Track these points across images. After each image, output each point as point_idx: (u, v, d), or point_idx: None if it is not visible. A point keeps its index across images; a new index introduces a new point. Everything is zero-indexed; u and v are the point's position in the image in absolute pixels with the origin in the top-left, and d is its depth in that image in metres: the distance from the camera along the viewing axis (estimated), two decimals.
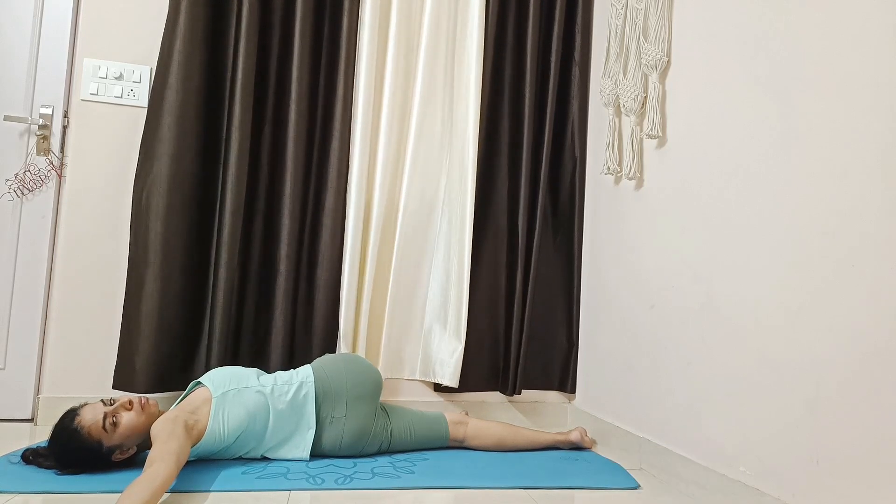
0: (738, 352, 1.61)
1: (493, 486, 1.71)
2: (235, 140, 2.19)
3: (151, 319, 2.10)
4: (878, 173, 1.27)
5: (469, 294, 2.40)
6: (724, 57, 1.75)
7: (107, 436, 1.59)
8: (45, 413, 2.13)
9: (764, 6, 1.61)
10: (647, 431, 1.99)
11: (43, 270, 2.19)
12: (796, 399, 1.42)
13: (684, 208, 1.88)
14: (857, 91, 1.33)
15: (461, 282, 2.40)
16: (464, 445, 2.07)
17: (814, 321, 1.39)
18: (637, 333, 2.08)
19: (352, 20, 2.35)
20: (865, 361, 1.26)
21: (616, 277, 2.25)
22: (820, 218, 1.40)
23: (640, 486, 1.79)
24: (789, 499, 1.42)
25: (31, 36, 2.21)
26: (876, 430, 1.23)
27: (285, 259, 2.27)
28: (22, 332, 2.17)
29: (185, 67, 2.14)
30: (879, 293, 1.24)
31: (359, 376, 1.94)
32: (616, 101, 2.25)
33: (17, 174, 2.18)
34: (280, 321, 2.26)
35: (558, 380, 2.55)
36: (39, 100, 2.20)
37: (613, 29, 2.28)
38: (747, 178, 1.62)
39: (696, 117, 1.85)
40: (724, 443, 1.63)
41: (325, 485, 1.64)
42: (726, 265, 1.67)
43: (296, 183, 2.29)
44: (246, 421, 1.75)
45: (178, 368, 2.18)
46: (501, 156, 2.53)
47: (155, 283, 2.10)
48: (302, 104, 2.30)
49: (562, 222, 2.59)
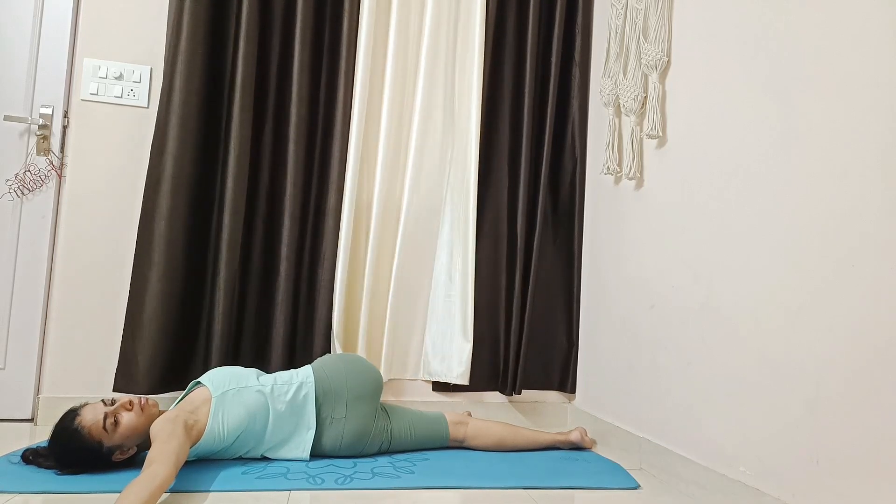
0: (738, 352, 1.61)
1: (493, 486, 1.71)
2: (236, 141, 2.19)
3: (154, 320, 2.10)
4: (878, 173, 1.27)
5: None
6: (724, 57, 1.75)
7: (107, 436, 1.59)
8: (45, 413, 2.13)
9: (764, 6, 1.61)
10: (647, 431, 1.99)
11: (43, 270, 2.19)
12: (796, 399, 1.42)
13: (684, 208, 1.87)
14: (857, 91, 1.33)
15: (465, 282, 2.40)
16: (464, 445, 2.07)
17: (814, 321, 1.39)
18: (637, 333, 2.08)
19: (352, 21, 2.35)
20: (865, 361, 1.26)
21: (616, 277, 2.25)
22: (820, 218, 1.40)
23: (640, 486, 1.79)
24: (789, 499, 1.41)
25: (31, 36, 2.21)
26: (876, 430, 1.23)
27: (286, 260, 2.27)
28: (22, 332, 2.17)
29: (188, 68, 2.15)
30: (879, 293, 1.24)
31: (359, 376, 1.94)
32: (616, 101, 2.25)
33: (17, 174, 2.18)
34: (281, 321, 2.26)
35: (558, 380, 2.55)
36: (39, 100, 2.20)
37: (613, 29, 2.28)
38: (747, 178, 1.62)
39: (696, 117, 1.85)
40: (725, 443, 1.63)
41: (325, 485, 1.64)
42: (726, 265, 1.67)
43: (296, 184, 2.29)
44: (245, 421, 1.75)
45: (179, 369, 2.18)
46: (501, 156, 2.53)
47: (158, 283, 2.11)
48: (302, 106, 2.30)
49: (562, 222, 2.59)
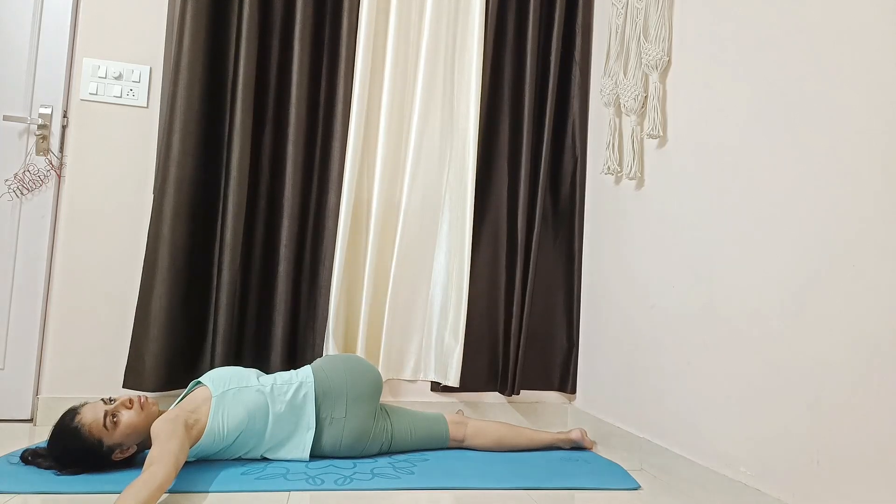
0: (739, 352, 1.60)
1: (493, 487, 1.70)
2: (237, 142, 2.19)
3: (160, 320, 2.11)
4: (878, 173, 1.27)
5: (469, 294, 2.40)
6: (724, 57, 1.75)
7: (108, 434, 1.59)
8: (45, 413, 2.13)
9: (764, 6, 1.61)
10: (647, 432, 1.99)
11: (42, 270, 2.18)
12: (797, 399, 1.41)
13: (685, 208, 1.87)
14: (857, 91, 1.33)
15: (461, 281, 2.39)
16: (464, 445, 2.06)
17: (814, 321, 1.39)
18: (637, 334, 2.08)
19: (352, 21, 2.35)
20: (866, 361, 1.26)
21: (616, 277, 2.25)
22: (820, 217, 1.39)
23: (640, 486, 1.79)
24: (790, 499, 1.41)
25: (31, 35, 2.20)
26: (877, 430, 1.23)
27: (287, 260, 2.27)
28: (21, 332, 2.17)
29: (191, 70, 2.15)
30: (880, 293, 1.24)
31: (358, 377, 1.93)
32: (616, 100, 2.24)
33: (17, 174, 2.18)
34: (282, 321, 2.25)
35: (558, 380, 2.55)
36: (39, 100, 2.20)
37: (614, 28, 2.27)
38: (748, 178, 1.62)
39: (696, 117, 1.85)
40: (725, 443, 1.63)
41: (325, 485, 1.64)
42: (727, 265, 1.67)
43: (296, 184, 2.29)
44: (245, 420, 1.75)
45: (183, 369, 2.19)
46: (501, 156, 2.53)
47: (163, 284, 2.12)
48: (302, 106, 2.29)
49: (562, 222, 2.58)
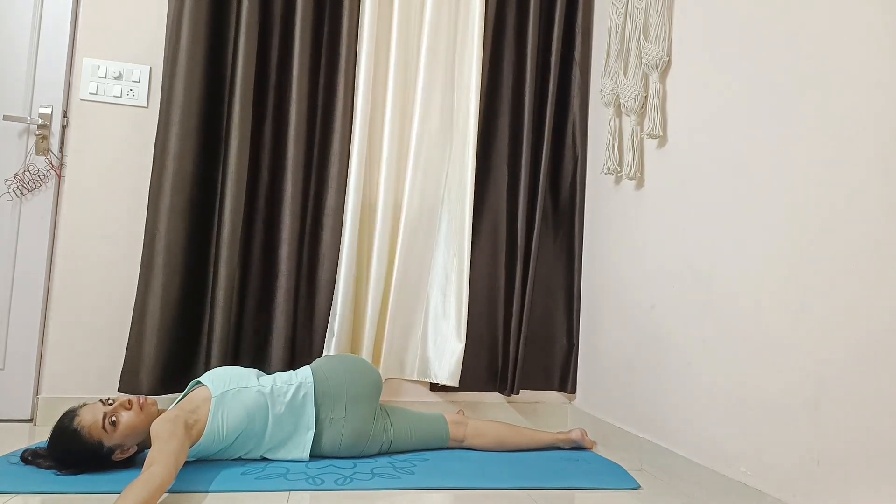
0: (739, 352, 1.60)
1: (493, 487, 1.70)
2: (235, 139, 2.19)
3: (155, 320, 2.09)
4: (878, 173, 1.27)
5: (468, 293, 2.40)
6: (724, 57, 1.75)
7: (107, 435, 1.59)
8: (45, 413, 2.13)
9: (764, 6, 1.61)
10: (647, 432, 1.99)
11: (42, 270, 2.18)
12: (797, 399, 1.41)
13: (685, 208, 1.87)
14: (857, 91, 1.32)
15: (461, 281, 2.39)
16: (464, 445, 2.06)
17: (814, 321, 1.39)
18: (637, 333, 2.08)
19: (352, 20, 2.35)
20: (866, 361, 1.26)
21: (616, 277, 2.25)
22: (821, 217, 1.39)
23: (640, 486, 1.79)
24: (790, 499, 1.41)
25: (31, 35, 2.20)
26: (877, 430, 1.23)
27: (286, 259, 2.26)
28: (21, 332, 2.16)
29: (189, 67, 2.14)
30: (880, 293, 1.24)
31: (358, 377, 1.93)
32: (616, 100, 2.24)
33: (17, 174, 2.18)
34: (281, 321, 2.25)
35: (558, 380, 2.55)
36: (39, 99, 2.20)
37: (614, 28, 2.27)
38: (748, 178, 1.62)
39: (696, 117, 1.85)
40: (725, 443, 1.63)
41: (325, 485, 1.64)
42: (727, 265, 1.67)
43: (296, 182, 2.28)
44: (245, 421, 1.75)
45: (180, 369, 2.17)
46: (501, 155, 2.53)
47: (159, 283, 2.10)
48: (302, 104, 2.29)
49: (562, 222, 2.58)
